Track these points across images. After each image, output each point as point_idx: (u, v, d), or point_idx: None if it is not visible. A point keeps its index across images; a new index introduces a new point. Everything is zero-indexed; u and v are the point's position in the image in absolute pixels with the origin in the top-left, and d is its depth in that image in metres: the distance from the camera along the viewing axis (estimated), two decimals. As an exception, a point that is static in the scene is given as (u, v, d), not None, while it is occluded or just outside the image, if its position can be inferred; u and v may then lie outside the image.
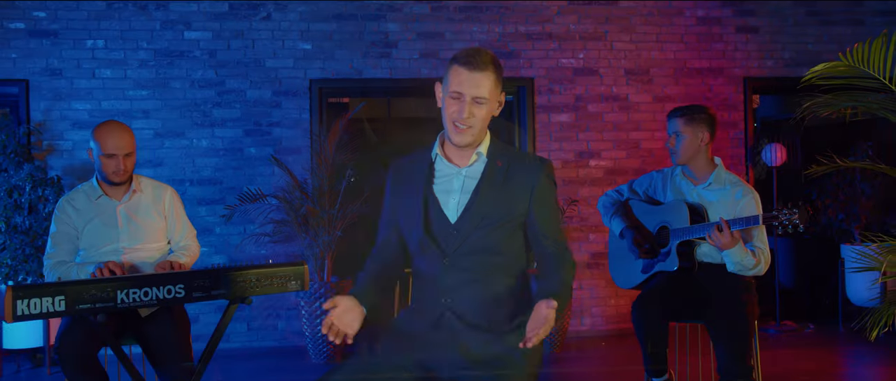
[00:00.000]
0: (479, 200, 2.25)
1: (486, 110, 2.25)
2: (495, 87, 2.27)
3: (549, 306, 2.03)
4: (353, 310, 2.18)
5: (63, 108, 5.53)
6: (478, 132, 2.26)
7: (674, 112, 3.44)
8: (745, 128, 6.23)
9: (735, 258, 3.14)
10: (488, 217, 2.23)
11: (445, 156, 2.34)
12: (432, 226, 2.28)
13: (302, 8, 5.76)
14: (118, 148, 3.16)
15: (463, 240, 2.23)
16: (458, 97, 2.22)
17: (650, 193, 3.57)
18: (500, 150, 2.35)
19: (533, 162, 2.33)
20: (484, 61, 2.22)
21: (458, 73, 2.22)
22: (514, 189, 2.26)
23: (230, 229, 5.67)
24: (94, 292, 2.47)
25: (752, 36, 6.22)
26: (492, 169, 2.29)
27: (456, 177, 2.31)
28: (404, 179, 2.38)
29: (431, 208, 2.29)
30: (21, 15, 5.48)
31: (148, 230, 3.26)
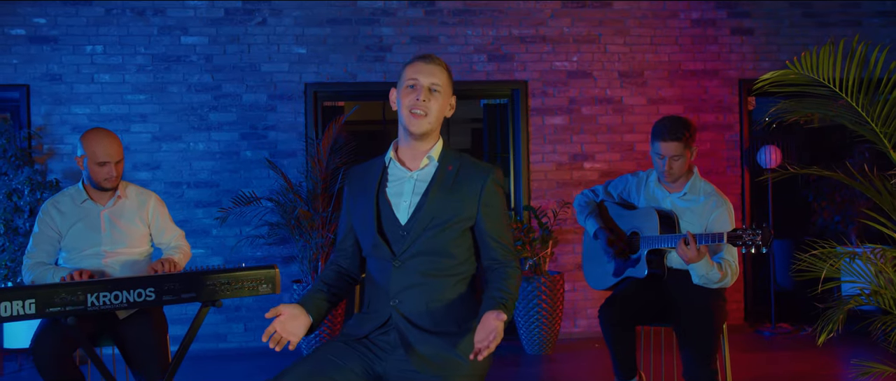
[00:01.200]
0: (428, 202, 2.31)
1: (441, 101, 2.34)
2: (448, 83, 2.38)
3: (498, 318, 2.08)
4: (297, 318, 2.24)
5: (63, 112, 5.64)
6: (433, 122, 2.33)
7: (669, 135, 3.29)
8: (741, 130, 6.22)
9: (700, 271, 3.15)
10: (437, 219, 2.29)
11: (399, 160, 2.41)
12: (384, 227, 2.34)
13: (297, 13, 5.83)
14: (109, 156, 3.25)
15: (412, 241, 2.28)
16: (414, 84, 2.32)
17: (625, 196, 3.59)
18: (452, 155, 2.42)
19: (482, 168, 2.39)
20: (438, 59, 2.38)
21: (414, 66, 2.35)
22: (463, 192, 2.32)
23: (226, 231, 5.75)
24: (64, 295, 2.54)
25: (748, 38, 6.21)
26: (442, 173, 2.35)
27: (408, 180, 2.38)
28: (359, 185, 2.45)
29: (383, 210, 2.35)
30: (22, 21, 5.60)
31: (130, 236, 3.34)
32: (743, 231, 2.98)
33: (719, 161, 6.18)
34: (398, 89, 2.37)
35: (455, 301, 2.31)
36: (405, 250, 2.29)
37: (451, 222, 2.30)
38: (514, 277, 2.32)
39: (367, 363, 2.26)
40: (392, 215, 2.34)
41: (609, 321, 3.21)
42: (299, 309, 2.26)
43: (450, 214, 2.30)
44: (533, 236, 5.57)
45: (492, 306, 2.17)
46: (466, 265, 2.36)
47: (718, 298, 3.28)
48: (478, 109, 6.73)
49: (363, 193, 2.41)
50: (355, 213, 2.43)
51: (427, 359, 2.21)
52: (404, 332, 2.26)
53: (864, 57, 2.34)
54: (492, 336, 2.05)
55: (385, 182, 2.40)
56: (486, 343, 2.05)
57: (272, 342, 2.19)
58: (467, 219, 2.33)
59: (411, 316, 2.27)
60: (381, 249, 2.32)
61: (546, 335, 5.49)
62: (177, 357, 2.93)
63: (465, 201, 2.32)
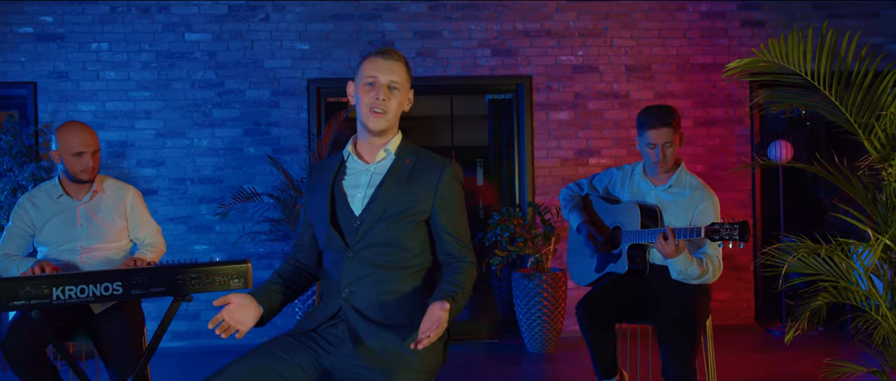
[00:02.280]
0: (382, 193, 2.29)
1: (399, 98, 2.33)
2: (406, 78, 2.36)
3: (442, 308, 2.05)
4: (247, 307, 2.23)
5: (69, 109, 5.71)
6: (391, 119, 2.32)
7: (659, 122, 3.22)
8: (751, 125, 6.08)
9: (678, 267, 3.08)
10: (390, 210, 2.27)
11: (357, 154, 2.40)
12: (338, 219, 2.33)
13: (300, 8, 5.83)
14: (86, 145, 3.25)
15: (365, 232, 2.27)
16: (373, 82, 2.30)
17: (610, 189, 3.52)
18: (410, 149, 2.40)
19: (439, 161, 2.37)
20: (396, 53, 2.36)
21: (373, 61, 2.32)
22: (419, 185, 2.31)
23: (229, 227, 5.78)
24: (29, 288, 2.55)
25: (758, 30, 6.07)
26: (398, 165, 2.34)
27: (364, 173, 2.37)
28: (318, 179, 2.44)
29: (339, 202, 2.35)
30: (29, 20, 5.68)
31: (107, 230, 3.35)
32: (720, 226, 2.91)
33: (729, 156, 6.05)
34: (356, 84, 2.35)
35: (407, 294, 2.28)
36: (358, 241, 2.27)
37: (405, 213, 2.28)
38: (468, 271, 2.29)
39: (314, 357, 2.23)
40: (347, 206, 2.33)
41: (585, 318, 3.14)
42: (249, 299, 2.25)
43: (404, 206, 2.28)
44: (535, 233, 5.51)
45: (439, 298, 2.13)
46: (421, 258, 2.33)
47: (701, 295, 3.20)
48: (483, 105, 6.68)
49: (320, 186, 2.41)
50: (311, 206, 2.42)
51: (375, 353, 2.18)
52: (353, 324, 2.23)
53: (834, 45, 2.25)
54: (435, 326, 2.02)
55: (342, 175, 2.40)
56: (428, 333, 2.01)
57: (219, 329, 2.17)
58: (422, 212, 2.31)
59: (361, 308, 2.24)
60: (334, 240, 2.30)
61: (548, 334, 5.42)
62: (148, 351, 2.93)
63: (420, 193, 2.30)
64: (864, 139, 2.31)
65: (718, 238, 2.91)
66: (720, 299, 6.06)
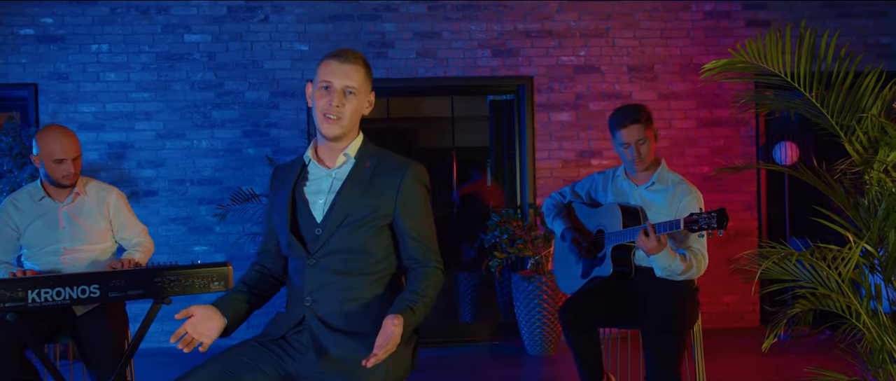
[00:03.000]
0: (342, 199, 2.24)
1: (356, 103, 2.25)
2: (365, 82, 2.27)
3: (394, 324, 2.01)
4: (210, 318, 2.18)
5: (70, 110, 5.73)
6: (347, 125, 2.25)
7: (628, 120, 3.21)
8: (757, 126, 5.98)
9: (662, 263, 3.02)
10: (352, 215, 2.22)
11: (317, 159, 2.34)
12: (299, 226, 2.28)
13: (299, 10, 5.81)
14: (66, 152, 3.24)
15: (327, 239, 2.22)
16: (328, 87, 2.23)
17: (592, 194, 3.47)
18: (371, 152, 2.34)
19: (401, 163, 2.30)
20: (354, 55, 2.26)
21: (328, 65, 2.24)
22: (380, 188, 2.24)
23: (228, 228, 5.77)
24: (3, 291, 2.54)
25: (764, 30, 5.96)
26: (358, 169, 2.28)
27: (325, 178, 2.31)
28: (280, 185, 2.39)
29: (300, 208, 2.29)
30: (30, 21, 5.70)
31: (90, 232, 3.34)
32: (698, 215, 2.86)
33: (734, 158, 5.95)
34: (314, 86, 2.28)
35: (372, 301, 2.23)
36: (320, 248, 2.22)
37: (367, 219, 2.22)
38: (431, 278, 2.23)
39: (279, 363, 2.20)
40: (308, 212, 2.28)
41: (567, 322, 3.09)
42: (213, 310, 2.20)
43: (365, 211, 2.22)
44: (535, 235, 5.45)
45: (398, 310, 2.08)
46: (385, 264, 2.28)
47: (687, 298, 3.14)
48: (484, 106, 6.63)
49: (282, 192, 2.35)
50: (274, 212, 2.38)
51: (338, 362, 2.14)
52: (317, 333, 2.19)
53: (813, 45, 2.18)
54: (387, 342, 1.98)
55: (303, 181, 2.34)
56: (382, 347, 1.97)
57: (182, 343, 2.12)
58: (384, 216, 2.25)
59: (325, 316, 2.20)
60: (295, 248, 2.26)
61: (548, 336, 5.37)
62: (128, 353, 2.91)
63: (381, 197, 2.24)
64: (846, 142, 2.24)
65: (697, 228, 2.86)
66: (726, 301, 5.98)
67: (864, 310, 2.14)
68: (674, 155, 5.92)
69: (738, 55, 2.26)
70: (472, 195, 6.68)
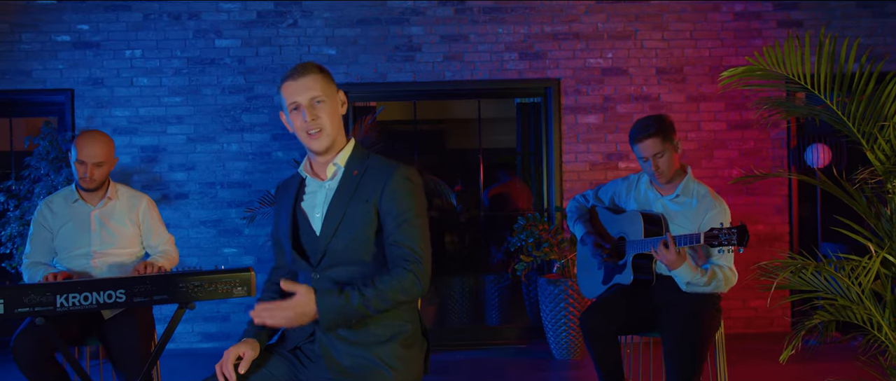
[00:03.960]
0: (332, 210, 2.25)
1: (329, 109, 2.25)
2: (327, 86, 2.28)
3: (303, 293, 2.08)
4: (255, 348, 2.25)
5: (104, 115, 5.86)
6: (332, 133, 2.26)
7: (644, 134, 3.19)
8: (788, 128, 5.90)
9: (684, 277, 2.99)
10: (343, 225, 2.22)
11: (312, 172, 2.36)
12: (301, 240, 2.30)
13: (327, 14, 5.87)
14: (88, 156, 3.32)
15: (324, 252, 2.23)
16: (296, 106, 2.25)
17: (615, 200, 3.45)
18: (360, 159, 2.32)
19: (387, 167, 2.27)
20: (306, 67, 2.27)
21: (287, 87, 2.27)
22: (366, 195, 2.23)
23: (257, 230, 5.85)
24: (33, 296, 2.61)
25: (796, 30, 5.88)
26: (346, 179, 2.28)
27: (320, 191, 2.33)
28: (282, 201, 2.43)
29: (301, 223, 2.32)
30: (67, 28, 5.84)
31: (120, 236, 3.42)
32: (719, 230, 2.82)
33: (764, 161, 5.88)
34: (286, 114, 2.31)
35: None
36: (320, 261, 2.24)
37: (358, 228, 2.22)
38: (397, 279, 2.14)
39: (293, 371, 2.23)
40: (309, 226, 2.30)
41: (588, 329, 3.08)
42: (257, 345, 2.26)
43: (354, 220, 2.22)
44: (561, 238, 5.44)
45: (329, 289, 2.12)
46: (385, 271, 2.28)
47: (710, 307, 3.10)
48: (511, 108, 6.62)
49: (285, 208, 2.38)
50: (279, 228, 2.41)
51: (348, 371, 2.16)
52: (326, 344, 2.21)
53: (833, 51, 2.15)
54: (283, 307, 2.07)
55: (302, 195, 2.36)
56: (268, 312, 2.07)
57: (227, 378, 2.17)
58: (372, 222, 2.23)
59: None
60: (298, 262, 2.30)
61: (574, 340, 5.35)
62: (153, 356, 2.97)
63: (367, 203, 2.23)
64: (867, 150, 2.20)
65: (717, 244, 2.83)
66: (754, 306, 5.90)
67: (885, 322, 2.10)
68: (702, 157, 5.86)
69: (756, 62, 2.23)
70: (498, 197, 6.68)
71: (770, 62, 2.22)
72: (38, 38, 5.83)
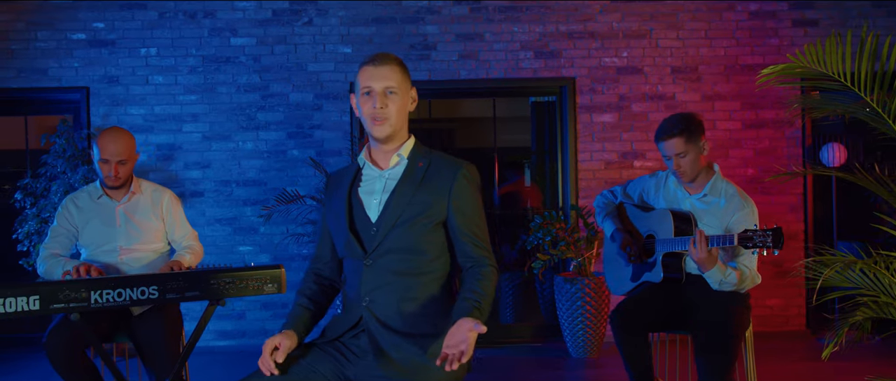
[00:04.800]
0: (396, 198, 2.29)
1: (399, 102, 2.30)
2: (403, 80, 2.33)
3: (476, 329, 2.02)
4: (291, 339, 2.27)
5: (120, 113, 5.86)
6: (396, 124, 2.31)
7: (668, 133, 3.21)
8: (803, 127, 5.90)
9: (715, 277, 2.99)
10: (405, 214, 2.26)
11: (371, 160, 2.40)
12: (356, 225, 2.33)
13: (342, 12, 5.87)
14: (111, 154, 3.32)
15: (382, 238, 2.26)
16: (369, 91, 2.29)
17: (644, 197, 3.45)
18: (423, 153, 2.40)
19: (453, 163, 2.36)
20: (387, 57, 2.33)
21: (365, 72, 2.31)
22: (433, 188, 2.30)
23: (273, 228, 5.85)
24: (68, 292, 2.62)
25: (811, 29, 5.88)
26: (412, 169, 2.34)
27: (379, 179, 2.37)
28: (335, 189, 2.45)
29: (356, 209, 2.35)
30: (82, 26, 5.84)
31: (145, 231, 3.42)
32: (753, 232, 2.82)
33: (779, 159, 5.88)
34: (356, 96, 2.35)
35: (428, 302, 2.26)
36: (376, 247, 2.27)
37: (421, 216, 2.27)
38: (488, 277, 2.26)
39: (338, 366, 2.23)
40: (363, 213, 2.33)
41: (618, 327, 3.08)
42: (294, 336, 2.28)
43: (418, 209, 2.27)
44: (578, 237, 5.44)
45: (465, 312, 2.10)
46: (439, 263, 2.32)
47: (740, 304, 3.10)
48: (526, 107, 6.63)
49: (337, 195, 2.41)
50: (330, 215, 2.43)
51: (397, 364, 2.16)
52: (375, 334, 2.22)
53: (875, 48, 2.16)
54: (463, 347, 1.99)
55: (358, 182, 2.40)
56: (456, 352, 1.98)
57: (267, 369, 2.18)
58: (437, 214, 2.29)
59: (382, 317, 2.23)
60: (353, 247, 2.30)
61: (591, 338, 5.35)
62: (184, 353, 2.98)
63: (434, 196, 2.29)
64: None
65: (751, 245, 2.83)
66: (770, 304, 5.90)
67: (928, 318, 2.10)
68: (718, 157, 5.86)
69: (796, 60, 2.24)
70: (512, 196, 6.68)
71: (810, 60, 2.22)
72: (54, 36, 5.83)
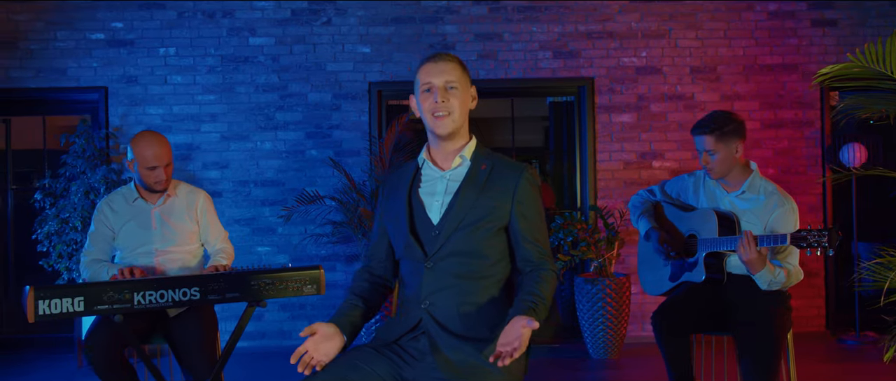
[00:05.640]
0: (459, 201, 2.26)
1: (460, 98, 2.28)
2: (463, 76, 2.32)
3: (528, 325, 1.99)
4: (331, 338, 2.21)
5: (138, 113, 5.85)
6: (458, 120, 2.29)
7: (700, 129, 3.22)
8: (822, 127, 5.90)
9: (765, 278, 2.97)
10: (469, 217, 2.24)
11: (432, 160, 2.38)
12: (416, 227, 2.30)
13: (361, 12, 5.86)
14: (159, 159, 3.30)
15: (444, 241, 2.24)
16: (429, 88, 2.28)
17: (682, 196, 3.43)
18: (485, 154, 2.37)
19: (516, 166, 2.34)
20: (447, 55, 2.32)
21: (425, 69, 2.31)
22: (496, 191, 2.28)
23: (291, 229, 5.84)
24: (112, 293, 2.61)
25: (830, 29, 5.88)
26: (475, 171, 2.31)
27: (440, 180, 2.34)
28: (393, 188, 2.42)
29: (416, 210, 2.32)
30: (101, 26, 5.83)
31: (180, 233, 3.41)
32: (807, 233, 2.81)
33: (799, 159, 5.88)
34: (416, 95, 2.34)
35: (487, 305, 2.24)
36: (437, 250, 2.25)
37: (484, 220, 2.25)
38: (548, 280, 2.24)
39: (395, 368, 2.21)
40: (424, 214, 2.30)
41: (662, 328, 3.07)
42: (334, 329, 2.23)
43: (482, 212, 2.25)
44: (598, 237, 5.43)
45: (521, 311, 2.09)
46: (500, 267, 2.30)
47: (781, 305, 3.10)
48: (544, 107, 6.62)
49: (396, 194, 2.39)
50: (388, 215, 2.40)
51: (456, 366, 2.15)
52: (434, 336, 2.20)
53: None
54: (516, 343, 1.96)
55: (418, 182, 2.37)
56: (509, 349, 1.96)
57: (301, 365, 2.14)
58: (500, 218, 2.27)
59: (442, 320, 2.21)
60: (413, 249, 2.28)
61: (611, 339, 5.34)
62: (223, 355, 2.97)
63: (497, 199, 2.27)
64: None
65: (806, 245, 2.81)
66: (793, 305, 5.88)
67: None
68: (737, 157, 5.85)
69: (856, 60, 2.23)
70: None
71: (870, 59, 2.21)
72: (73, 35, 5.82)
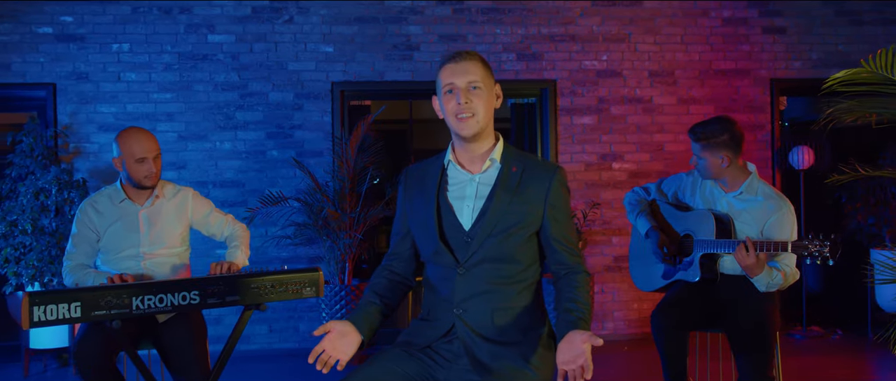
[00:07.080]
0: (493, 206, 2.19)
1: (484, 98, 2.20)
2: (487, 75, 2.24)
3: (590, 340, 1.97)
4: (347, 335, 2.16)
5: (89, 111, 5.61)
6: (483, 120, 2.21)
7: (692, 132, 3.29)
8: (772, 130, 6.13)
9: (764, 281, 3.05)
10: (502, 223, 2.18)
11: (458, 162, 2.29)
12: (446, 233, 2.23)
13: (324, 11, 5.78)
14: (148, 151, 3.17)
15: (477, 248, 2.18)
16: (452, 89, 2.20)
17: (679, 195, 3.49)
18: (514, 156, 2.29)
19: (547, 167, 2.27)
20: (468, 53, 2.24)
21: (446, 69, 2.22)
22: (529, 195, 2.21)
23: (252, 231, 5.68)
24: (110, 298, 2.49)
25: (780, 36, 6.12)
26: (506, 174, 2.23)
27: (469, 183, 2.26)
28: (417, 187, 2.34)
29: (445, 215, 2.25)
30: (49, 20, 5.57)
31: (168, 235, 3.27)
32: (809, 242, 2.87)
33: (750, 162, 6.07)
34: (439, 97, 2.25)
35: (520, 310, 2.21)
36: (470, 257, 2.19)
37: (517, 226, 2.19)
38: (585, 284, 2.23)
39: (427, 371, 2.18)
40: (454, 220, 2.23)
41: (663, 326, 3.13)
42: (349, 326, 2.17)
43: (516, 218, 2.19)
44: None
45: (573, 326, 2.07)
46: (531, 271, 2.26)
47: (772, 303, 3.20)
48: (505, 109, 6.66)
49: (422, 195, 2.30)
50: (414, 216, 2.32)
51: (491, 369, 2.12)
52: (468, 342, 2.17)
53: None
54: (581, 360, 1.94)
55: (445, 184, 2.28)
56: (576, 368, 1.94)
57: (319, 363, 2.09)
58: (533, 223, 2.22)
59: (476, 326, 2.18)
60: (443, 256, 2.22)
61: (576, 338, 5.40)
62: (220, 362, 2.87)
63: (530, 204, 2.21)
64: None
65: (807, 255, 2.88)
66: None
67: None
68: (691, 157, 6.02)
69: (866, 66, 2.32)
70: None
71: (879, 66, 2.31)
72: (18, 29, 5.54)
